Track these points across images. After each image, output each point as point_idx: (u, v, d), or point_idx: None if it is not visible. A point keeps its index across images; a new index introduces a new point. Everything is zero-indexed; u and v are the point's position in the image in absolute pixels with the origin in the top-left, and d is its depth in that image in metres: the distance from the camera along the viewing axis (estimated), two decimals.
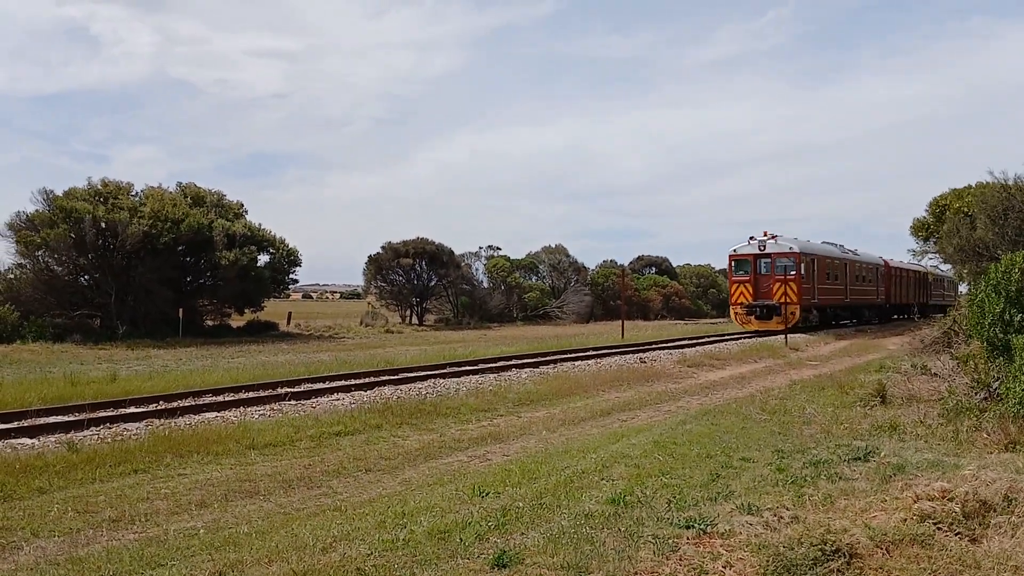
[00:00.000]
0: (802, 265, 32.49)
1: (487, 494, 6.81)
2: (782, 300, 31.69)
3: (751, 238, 33.52)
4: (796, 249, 32.59)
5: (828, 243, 38.98)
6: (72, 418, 11.46)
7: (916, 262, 54.34)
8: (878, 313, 45.00)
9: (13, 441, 9.93)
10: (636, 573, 4.89)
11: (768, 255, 32.88)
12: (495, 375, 17.11)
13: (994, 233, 28.69)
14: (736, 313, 33.83)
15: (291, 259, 40.16)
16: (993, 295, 10.09)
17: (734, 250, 33.84)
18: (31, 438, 10.13)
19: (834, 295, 37.15)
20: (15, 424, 11.12)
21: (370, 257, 50.62)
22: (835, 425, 10.15)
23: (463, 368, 18.25)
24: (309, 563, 5.13)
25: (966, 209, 39.99)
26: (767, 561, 4.91)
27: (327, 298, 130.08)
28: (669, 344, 26.30)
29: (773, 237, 32.90)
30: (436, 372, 17.57)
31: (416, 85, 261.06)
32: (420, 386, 15.22)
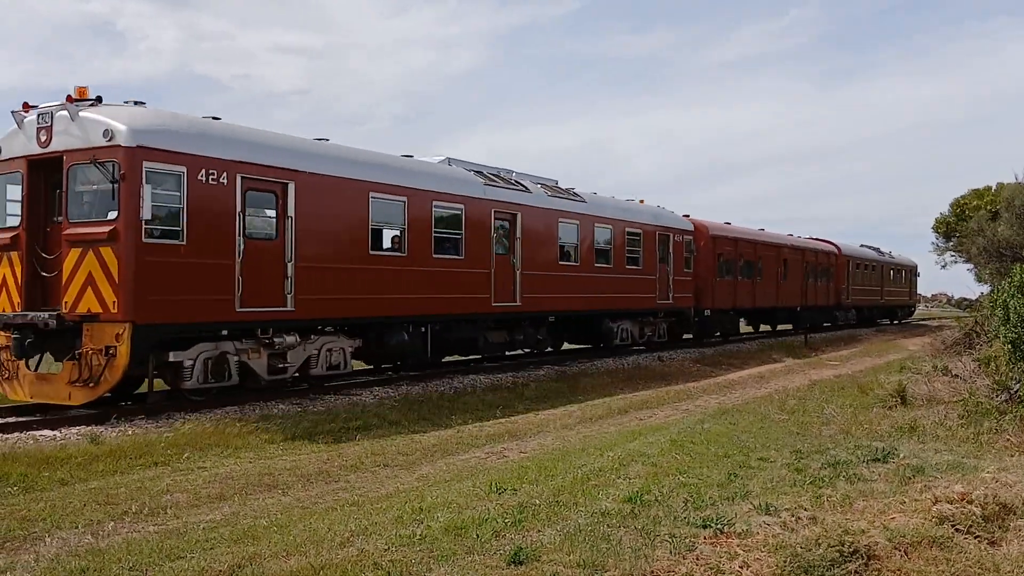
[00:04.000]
0: (233, 186, 11.64)
1: (504, 491, 6.84)
2: (87, 309, 10.65)
3: (26, 107, 11.42)
4: (171, 133, 11.08)
5: (503, 172, 18.02)
6: (94, 410, 11.57)
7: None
8: (671, 328, 23.75)
9: (36, 433, 10.04)
10: (652, 572, 4.90)
11: (58, 158, 11.05)
12: (512, 372, 17.11)
13: (1020, 234, 28.27)
14: None
15: None
16: (1019, 296, 9.98)
17: None
18: (53, 430, 10.25)
19: (444, 292, 15.25)
20: (38, 416, 11.26)
21: None
22: (854, 426, 10.09)
23: (481, 364, 18.28)
24: (327, 557, 5.18)
25: (986, 209, 39.45)
26: (784, 561, 4.89)
27: None
28: None
29: (77, 102, 10.93)
30: (454, 368, 17.61)
31: (435, 83, 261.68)
32: (438, 382, 15.26)
